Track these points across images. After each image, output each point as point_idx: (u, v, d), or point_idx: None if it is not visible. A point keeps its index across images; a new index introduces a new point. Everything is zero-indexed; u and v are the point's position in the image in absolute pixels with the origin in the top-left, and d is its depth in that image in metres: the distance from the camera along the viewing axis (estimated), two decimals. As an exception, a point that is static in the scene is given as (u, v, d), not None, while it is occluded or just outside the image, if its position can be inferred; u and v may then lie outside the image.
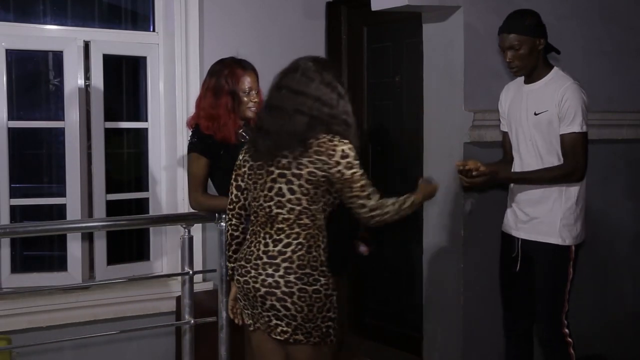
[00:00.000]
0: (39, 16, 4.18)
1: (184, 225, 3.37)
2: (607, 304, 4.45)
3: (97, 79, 4.14)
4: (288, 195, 2.67)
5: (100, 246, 4.18)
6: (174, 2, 4.20)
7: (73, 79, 4.06)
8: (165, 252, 4.36)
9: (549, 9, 4.14)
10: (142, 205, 4.38)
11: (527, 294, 3.40)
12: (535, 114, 3.27)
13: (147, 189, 4.37)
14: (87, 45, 4.13)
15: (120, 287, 4.12)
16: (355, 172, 2.66)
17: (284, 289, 2.66)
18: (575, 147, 3.18)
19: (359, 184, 2.67)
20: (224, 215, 3.26)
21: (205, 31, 4.26)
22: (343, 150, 2.65)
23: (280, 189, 2.68)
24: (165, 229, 4.31)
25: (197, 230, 3.98)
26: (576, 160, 3.18)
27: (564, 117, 3.19)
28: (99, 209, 4.16)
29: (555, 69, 3.32)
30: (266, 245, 2.71)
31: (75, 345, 4.00)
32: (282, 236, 2.69)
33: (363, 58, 4.72)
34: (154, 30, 4.35)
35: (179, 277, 3.57)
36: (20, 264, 4.10)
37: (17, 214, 4.04)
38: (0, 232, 3.40)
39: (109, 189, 4.21)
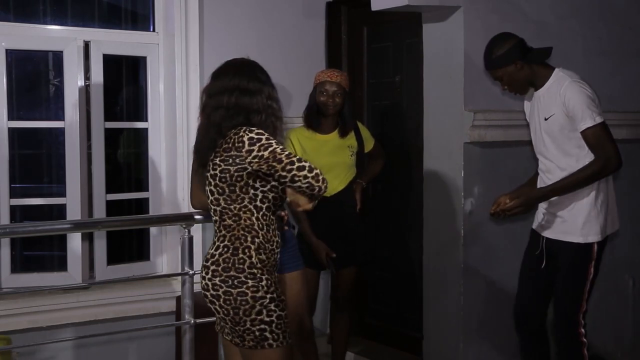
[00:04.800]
0: (39, 16, 4.17)
1: (184, 225, 3.38)
2: (607, 304, 4.45)
3: (97, 79, 4.14)
4: (210, 197, 2.71)
5: (100, 246, 4.18)
6: (174, 2, 4.19)
7: (73, 79, 4.06)
8: (165, 252, 4.36)
9: (549, 8, 4.15)
10: (142, 205, 4.37)
11: (544, 292, 3.40)
12: (545, 119, 3.30)
13: (147, 189, 4.37)
14: (87, 45, 4.13)
15: (120, 287, 4.12)
16: (275, 148, 2.56)
17: (212, 291, 2.69)
18: (599, 139, 3.17)
19: (285, 154, 2.56)
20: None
21: (205, 31, 4.26)
22: (251, 138, 2.58)
23: (210, 191, 2.72)
24: (165, 229, 4.31)
25: (197, 230, 3.98)
26: (605, 150, 3.17)
27: (574, 117, 3.19)
28: (99, 209, 4.16)
29: (556, 71, 3.31)
30: (211, 248, 2.76)
31: (75, 345, 4.00)
32: (215, 239, 2.74)
33: (363, 58, 4.72)
34: (154, 31, 4.35)
35: (179, 277, 3.57)
36: (20, 264, 4.09)
37: (17, 214, 4.04)
38: (0, 232, 3.40)
39: (109, 189, 4.21)
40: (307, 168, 2.56)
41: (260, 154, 2.56)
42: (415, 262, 4.26)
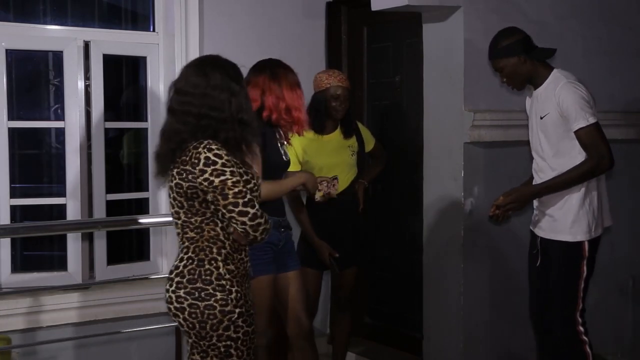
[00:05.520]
0: (39, 16, 4.17)
1: (184, 225, 3.37)
2: (607, 304, 4.45)
3: (97, 79, 4.14)
4: (171, 209, 2.59)
5: (100, 246, 4.18)
6: (174, 2, 4.19)
7: (73, 79, 4.06)
8: (165, 252, 4.36)
9: (549, 8, 4.15)
10: (142, 205, 4.37)
11: (545, 291, 3.41)
12: (541, 118, 3.32)
13: (147, 189, 4.36)
14: (87, 45, 4.13)
15: (120, 287, 4.12)
16: (226, 179, 2.43)
17: (175, 304, 2.56)
18: (592, 139, 3.20)
19: (233, 191, 2.43)
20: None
21: (205, 31, 4.26)
22: (208, 158, 2.43)
23: (170, 203, 2.60)
24: (165, 229, 4.31)
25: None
26: (598, 150, 3.19)
27: (568, 117, 3.22)
28: (99, 209, 4.16)
29: (554, 71, 3.34)
30: (175, 260, 2.64)
31: (75, 345, 4.00)
32: (179, 250, 2.62)
33: (363, 58, 4.72)
34: (154, 30, 4.35)
35: (179, 277, 3.56)
36: (20, 264, 4.09)
37: (17, 214, 4.04)
38: (0, 232, 3.40)
39: (109, 189, 4.21)
40: (249, 215, 2.44)
41: (211, 179, 2.43)
42: (415, 262, 4.26)
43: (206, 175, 2.43)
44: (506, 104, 4.00)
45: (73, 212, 4.06)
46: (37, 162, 4.26)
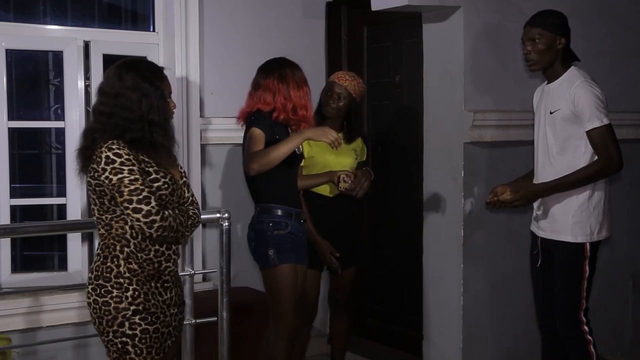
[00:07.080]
0: (39, 16, 4.18)
1: (183, 225, 3.37)
2: (607, 304, 4.45)
3: (97, 79, 4.13)
4: (91, 206, 2.68)
5: (100, 246, 4.18)
6: (174, 2, 4.19)
7: (73, 79, 4.06)
8: (165, 252, 4.35)
9: (548, 8, 4.15)
10: (142, 205, 4.37)
11: (550, 291, 3.41)
12: (551, 113, 3.30)
13: (147, 189, 4.36)
14: (87, 45, 4.13)
15: (120, 287, 4.12)
16: (124, 177, 2.50)
17: (86, 298, 2.67)
18: (603, 140, 3.20)
19: (129, 188, 2.50)
20: (225, 215, 3.29)
21: (205, 31, 4.26)
22: (108, 157, 2.51)
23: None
24: (165, 229, 4.31)
25: (197, 230, 3.98)
26: (608, 151, 3.19)
27: (582, 116, 3.21)
28: (99, 209, 4.16)
29: (571, 68, 3.32)
30: None
31: (75, 345, 4.00)
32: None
33: (363, 58, 4.72)
34: (154, 30, 4.35)
35: (179, 277, 3.56)
36: (20, 264, 4.10)
37: (17, 214, 4.04)
38: (0, 232, 3.40)
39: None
40: (143, 212, 2.50)
41: (110, 177, 2.52)
42: (415, 262, 4.26)
43: (106, 174, 2.53)
44: (506, 104, 4.00)
45: (73, 212, 4.06)
46: (37, 162, 4.26)
